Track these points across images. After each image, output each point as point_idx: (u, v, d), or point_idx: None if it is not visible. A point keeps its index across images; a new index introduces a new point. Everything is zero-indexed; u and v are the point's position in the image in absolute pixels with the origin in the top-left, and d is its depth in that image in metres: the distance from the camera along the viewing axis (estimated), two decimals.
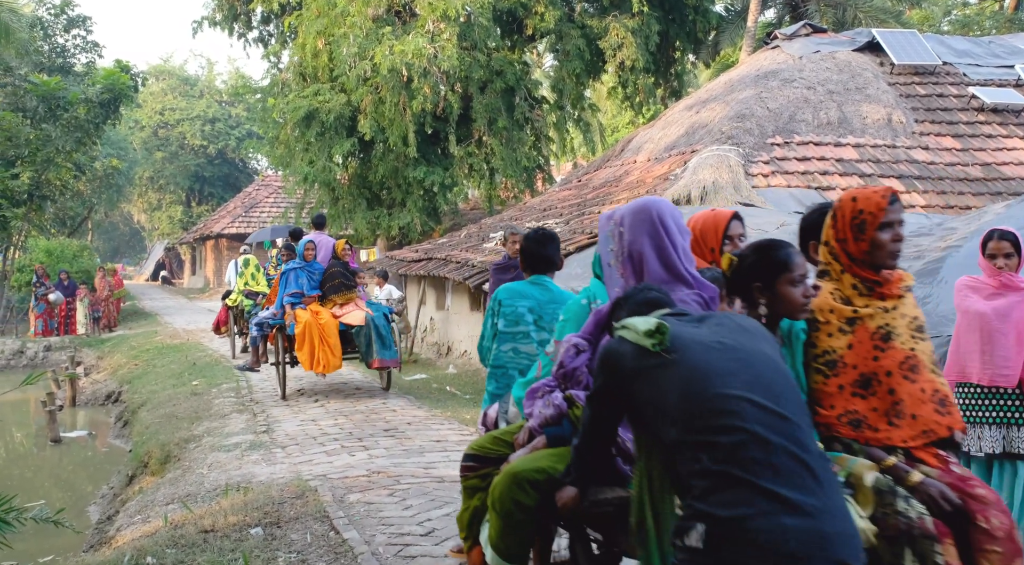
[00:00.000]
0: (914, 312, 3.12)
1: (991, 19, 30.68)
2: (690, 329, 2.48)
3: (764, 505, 2.16)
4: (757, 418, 2.26)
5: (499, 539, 3.27)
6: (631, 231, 3.23)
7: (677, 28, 23.03)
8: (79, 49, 32.15)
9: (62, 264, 26.11)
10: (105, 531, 7.74)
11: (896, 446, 2.92)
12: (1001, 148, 13.95)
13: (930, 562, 2.60)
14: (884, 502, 2.70)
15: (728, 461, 2.23)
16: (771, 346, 2.52)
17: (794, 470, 2.21)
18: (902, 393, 2.96)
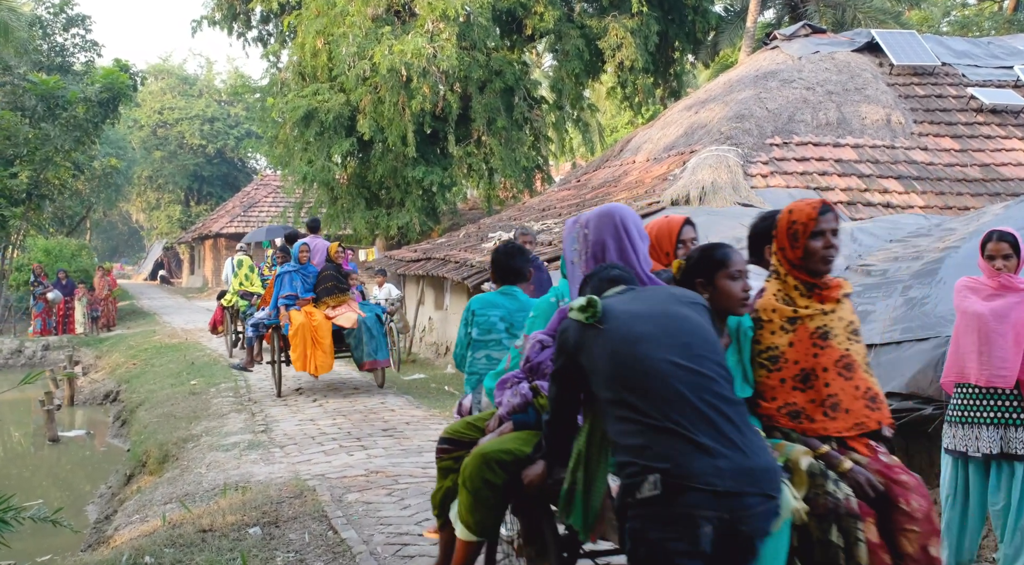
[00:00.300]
0: (851, 317, 3.39)
1: (990, 20, 30.70)
2: (622, 302, 2.81)
3: (696, 452, 2.49)
4: (678, 377, 2.57)
5: (468, 515, 3.54)
6: (595, 233, 3.53)
7: (676, 28, 23.04)
8: (78, 48, 32.10)
9: (60, 263, 26.10)
10: (103, 530, 7.74)
11: (831, 436, 3.20)
12: (1000, 149, 13.96)
13: (852, 538, 2.91)
14: (816, 484, 2.97)
15: (656, 415, 2.54)
16: (695, 310, 2.80)
17: (717, 420, 2.54)
18: (837, 388, 3.24)
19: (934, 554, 3.06)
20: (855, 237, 8.41)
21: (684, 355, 2.63)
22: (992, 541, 4.85)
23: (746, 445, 2.56)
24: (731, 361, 3.25)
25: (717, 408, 2.58)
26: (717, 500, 2.47)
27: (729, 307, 3.19)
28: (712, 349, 2.72)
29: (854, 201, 12.37)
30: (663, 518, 2.51)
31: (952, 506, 4.59)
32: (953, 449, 4.57)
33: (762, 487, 2.54)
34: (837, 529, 2.93)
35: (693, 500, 2.47)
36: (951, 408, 4.61)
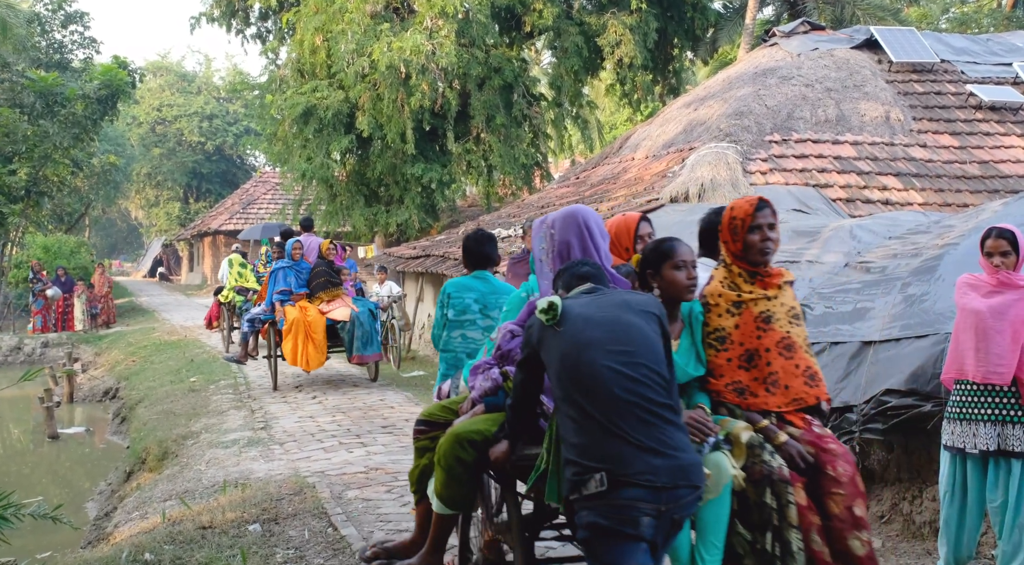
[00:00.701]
0: (792, 303, 3.76)
1: (989, 17, 30.70)
2: (581, 305, 3.09)
3: (634, 451, 2.82)
4: (618, 382, 2.88)
5: (442, 489, 3.80)
6: (560, 232, 3.85)
7: (675, 25, 23.03)
8: (77, 45, 32.06)
9: (59, 260, 26.09)
10: (103, 527, 7.75)
11: (771, 410, 3.56)
12: (999, 146, 13.96)
13: (784, 500, 3.30)
14: (754, 455, 3.37)
15: (597, 416, 2.86)
16: (644, 318, 3.10)
17: (650, 422, 2.87)
18: (778, 367, 3.58)
19: (859, 514, 3.41)
20: (854, 234, 8.41)
21: (624, 362, 2.92)
22: (991, 538, 4.86)
23: (677, 444, 2.90)
24: (685, 344, 3.62)
25: (652, 411, 2.89)
26: (655, 494, 2.82)
27: (676, 294, 3.55)
28: (653, 358, 3.00)
29: (853, 198, 12.37)
30: (607, 511, 2.83)
31: (950, 503, 4.60)
32: (951, 446, 4.58)
33: (691, 480, 2.90)
34: (771, 493, 3.30)
35: (634, 495, 2.80)
36: (950, 404, 4.62)
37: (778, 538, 3.29)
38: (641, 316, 3.09)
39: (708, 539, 3.31)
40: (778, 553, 3.28)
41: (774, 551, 3.28)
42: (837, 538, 3.37)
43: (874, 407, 5.43)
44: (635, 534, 2.82)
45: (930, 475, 5.29)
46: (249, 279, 15.55)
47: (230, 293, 15.67)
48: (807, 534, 3.32)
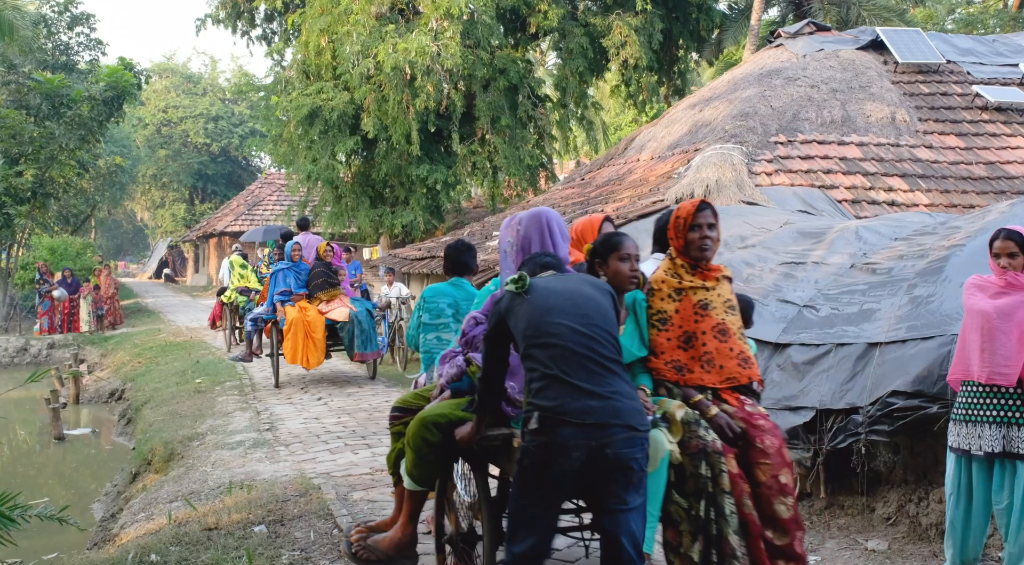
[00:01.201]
0: (728, 295, 4.20)
1: (995, 17, 30.64)
2: (546, 281, 3.59)
3: (576, 395, 3.24)
4: (571, 338, 3.33)
5: (412, 468, 4.17)
6: (526, 229, 4.30)
7: (680, 26, 23.01)
8: (83, 47, 32.17)
9: (65, 262, 26.14)
10: (109, 529, 7.76)
11: (706, 387, 3.96)
12: (1005, 147, 13.92)
13: (717, 470, 3.67)
14: (690, 430, 3.73)
15: (552, 367, 3.30)
16: (600, 292, 3.58)
17: (596, 371, 3.30)
18: (712, 348, 4.01)
19: (784, 481, 3.80)
20: (860, 235, 8.39)
21: (581, 323, 3.38)
22: (997, 540, 4.85)
23: (617, 391, 3.32)
24: (629, 327, 4.04)
25: (600, 363, 3.33)
26: (585, 431, 3.20)
27: (619, 283, 3.92)
28: (605, 320, 3.47)
29: (859, 199, 12.35)
30: (544, 444, 3.24)
31: (956, 504, 4.59)
32: (957, 447, 4.57)
33: (625, 420, 3.25)
34: (706, 464, 3.67)
35: (566, 431, 3.21)
36: (956, 406, 4.61)
37: (712, 504, 3.65)
38: (596, 290, 3.60)
39: (647, 508, 3.60)
40: (712, 517, 3.64)
41: (708, 515, 3.64)
42: (765, 503, 3.77)
43: (880, 408, 5.42)
44: (563, 468, 3.22)
45: (936, 477, 5.28)
46: (251, 280, 16.00)
47: (233, 293, 16.09)
48: (739, 499, 3.70)
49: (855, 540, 5.48)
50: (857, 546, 5.39)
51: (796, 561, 3.82)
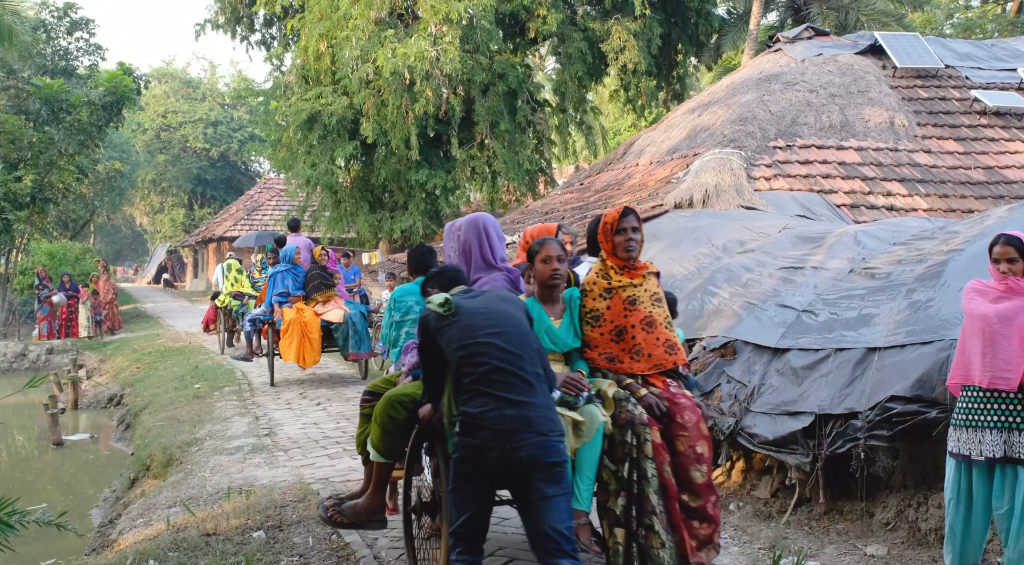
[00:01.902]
0: (655, 289, 4.67)
1: (993, 22, 30.69)
2: (467, 300, 3.97)
3: (495, 404, 3.67)
4: (496, 355, 3.75)
5: (379, 443, 4.67)
6: (465, 234, 4.84)
7: (679, 31, 23.04)
8: (82, 52, 32.18)
9: (64, 267, 26.11)
10: (107, 534, 7.74)
11: (636, 373, 4.51)
12: (1004, 151, 13.93)
13: (641, 439, 4.22)
14: (620, 406, 4.30)
15: (478, 381, 3.73)
16: (515, 308, 4.01)
17: (516, 384, 3.72)
18: (641, 340, 4.53)
19: (700, 451, 4.34)
20: (859, 240, 8.39)
21: (505, 341, 3.79)
22: (997, 545, 4.84)
23: (532, 402, 3.71)
24: (566, 321, 4.58)
25: (520, 377, 3.74)
26: (500, 435, 3.63)
27: (541, 280, 4.53)
28: (523, 335, 3.89)
29: (858, 204, 12.35)
30: (468, 445, 3.70)
31: (956, 510, 4.59)
32: (957, 452, 4.57)
33: (535, 427, 3.66)
34: (632, 434, 4.21)
35: (484, 436, 3.65)
36: (956, 411, 4.61)
37: (636, 467, 4.19)
38: (512, 306, 4.02)
39: (583, 472, 4.23)
40: (635, 479, 4.18)
41: (631, 477, 4.18)
42: (683, 469, 4.30)
43: (879, 414, 5.41)
44: (482, 467, 3.68)
45: (936, 482, 5.27)
46: (244, 285, 16.41)
47: (226, 298, 16.48)
48: (660, 466, 4.24)
49: (854, 545, 5.47)
50: (856, 551, 5.38)
51: (708, 521, 4.31)
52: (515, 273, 4.89)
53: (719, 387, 6.90)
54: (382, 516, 4.99)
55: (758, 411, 6.33)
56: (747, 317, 7.39)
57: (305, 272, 12.21)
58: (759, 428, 6.20)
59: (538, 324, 4.43)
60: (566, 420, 4.12)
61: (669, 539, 4.15)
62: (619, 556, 4.14)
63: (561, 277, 4.51)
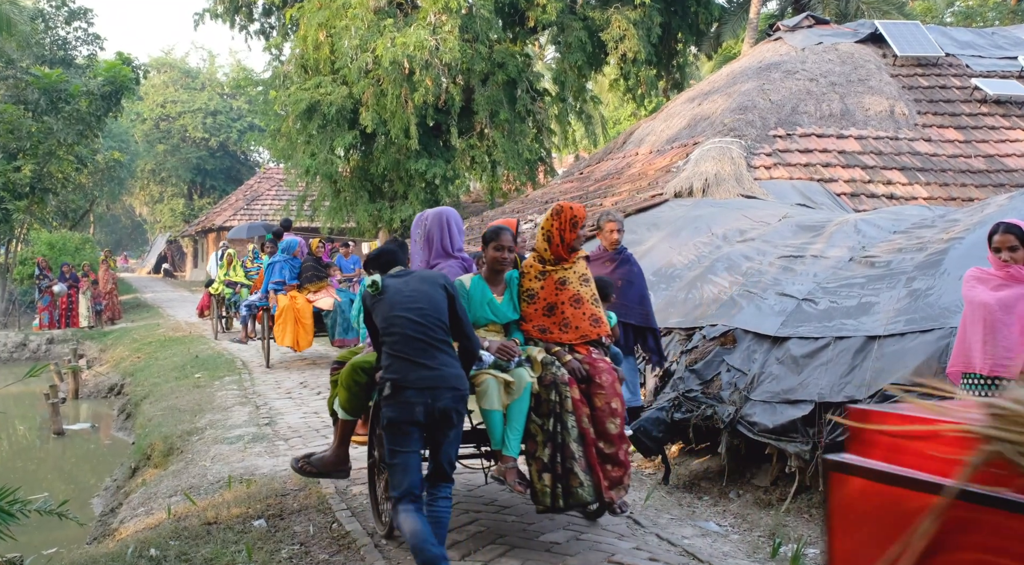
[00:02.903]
0: (583, 270, 5.37)
1: (994, 10, 30.60)
2: (394, 281, 4.62)
3: (414, 368, 4.37)
4: (408, 327, 4.43)
5: (345, 403, 5.31)
6: (430, 225, 5.61)
7: (679, 20, 22.97)
8: (80, 41, 32.12)
9: (64, 257, 26.10)
10: (108, 523, 7.76)
11: (564, 343, 5.21)
12: (1004, 140, 13.92)
13: (563, 396, 4.90)
14: (546, 369, 4.97)
15: (394, 348, 4.43)
16: (433, 287, 4.60)
17: (428, 350, 4.42)
18: (569, 314, 5.24)
19: (615, 407, 4.97)
20: (859, 229, 8.39)
21: (417, 314, 4.46)
22: None
23: (443, 363, 4.43)
24: (506, 298, 5.31)
25: (430, 344, 4.43)
26: (421, 392, 4.33)
27: (492, 265, 5.25)
28: (435, 310, 4.52)
29: (858, 192, 12.35)
30: (394, 404, 4.36)
31: None
32: None
33: (449, 384, 4.40)
34: (555, 392, 4.89)
35: (409, 394, 4.34)
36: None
37: (559, 421, 4.87)
38: (432, 286, 4.61)
39: (513, 425, 4.90)
40: (558, 430, 4.86)
41: (555, 429, 4.87)
42: (599, 422, 4.95)
43: (879, 401, 5.42)
44: (410, 419, 4.34)
45: None
46: (238, 273, 17.33)
47: (220, 285, 17.46)
48: (579, 418, 4.91)
49: None
50: None
51: (620, 466, 4.95)
52: (468, 261, 5.70)
53: (719, 375, 6.90)
54: (345, 467, 5.62)
55: (758, 399, 6.33)
56: (747, 306, 7.39)
57: (300, 263, 12.79)
58: (759, 416, 6.21)
59: (481, 298, 5.25)
60: (499, 380, 4.86)
61: (587, 479, 4.83)
62: (546, 496, 4.84)
63: (507, 263, 5.26)
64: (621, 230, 7.24)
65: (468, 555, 4.96)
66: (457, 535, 5.28)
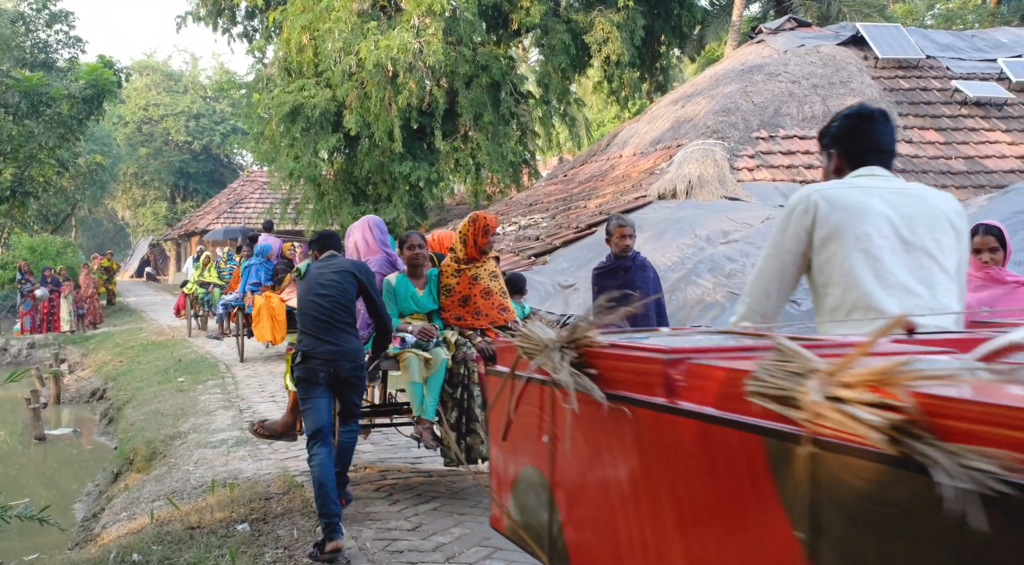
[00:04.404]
0: (493, 268, 6.27)
1: (973, 13, 30.84)
2: (315, 269, 5.50)
3: (318, 342, 5.25)
4: (314, 309, 5.32)
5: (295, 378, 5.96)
6: (360, 229, 6.72)
7: (662, 22, 23.06)
8: (61, 44, 31.90)
9: (46, 261, 25.93)
10: (91, 529, 7.70)
11: (476, 328, 6.09)
12: (983, 141, 14.03)
13: (471, 371, 5.81)
14: (458, 348, 5.91)
15: (304, 326, 5.35)
16: (343, 276, 5.43)
17: (330, 330, 5.29)
18: (480, 304, 6.12)
19: None
20: None
21: (325, 300, 5.32)
22: None
23: (343, 341, 5.31)
24: (427, 291, 6.22)
25: (331, 324, 5.31)
26: (326, 362, 5.23)
27: (408, 262, 6.24)
28: (341, 295, 5.37)
29: None
30: (303, 368, 5.28)
31: None
32: None
33: (348, 357, 5.30)
34: (464, 367, 5.82)
35: (315, 363, 5.24)
36: None
37: (466, 390, 5.80)
38: (343, 276, 5.43)
39: (431, 393, 5.81)
40: (465, 398, 5.80)
41: (462, 396, 5.80)
42: None
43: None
44: (317, 381, 5.25)
45: None
46: (212, 274, 18.26)
47: (194, 286, 18.43)
48: (483, 388, 5.70)
49: None
50: None
51: None
52: (393, 256, 6.64)
53: None
54: (293, 433, 6.57)
55: None
56: (731, 307, 7.42)
57: (274, 266, 13.89)
58: None
59: (405, 293, 6.19)
60: (420, 358, 5.79)
61: (487, 438, 5.26)
62: (452, 451, 5.76)
63: (419, 258, 6.22)
64: (632, 235, 6.68)
65: (453, 557, 4.95)
66: (442, 538, 5.28)
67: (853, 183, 2.78)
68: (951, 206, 2.74)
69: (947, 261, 2.67)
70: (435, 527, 5.45)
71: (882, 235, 2.62)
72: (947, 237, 2.68)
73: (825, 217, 2.69)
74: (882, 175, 2.83)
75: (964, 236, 2.75)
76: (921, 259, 2.63)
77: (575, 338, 1.80)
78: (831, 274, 2.69)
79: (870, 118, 2.94)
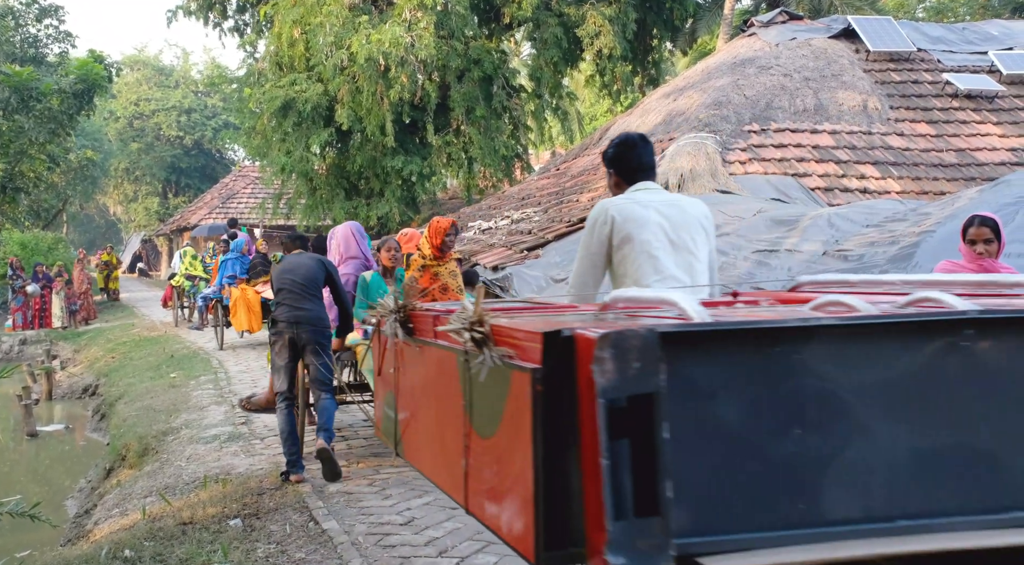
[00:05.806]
0: (453, 267, 7.04)
1: (965, 6, 30.90)
2: (292, 258, 6.77)
3: (288, 309, 6.54)
4: (288, 283, 6.59)
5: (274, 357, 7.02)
6: (341, 234, 7.88)
7: (654, 16, 23.04)
8: (52, 39, 31.78)
9: (37, 257, 25.83)
10: (83, 525, 7.69)
11: None
12: (975, 134, 14.05)
13: None
14: None
15: (280, 298, 6.63)
16: (312, 262, 6.68)
17: (299, 299, 6.53)
18: (437, 298, 6.56)
19: None
20: (832, 223, 8.45)
21: (297, 276, 6.56)
22: None
23: (309, 309, 6.51)
24: (396, 286, 7.04)
25: (300, 296, 6.51)
26: (290, 325, 6.47)
27: (383, 264, 7.29)
28: (309, 275, 6.61)
29: (831, 187, 12.43)
30: (275, 332, 6.56)
31: None
32: None
33: (311, 322, 6.50)
34: None
35: (282, 326, 6.49)
36: None
37: None
38: (313, 262, 6.68)
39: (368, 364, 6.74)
40: None
41: None
42: None
43: None
44: (284, 342, 6.51)
45: None
46: (197, 268, 19.04)
47: (180, 278, 19.29)
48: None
49: None
50: None
51: None
52: (369, 261, 7.75)
53: None
54: (275, 405, 7.15)
55: None
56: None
57: (250, 260, 14.74)
58: None
59: (377, 288, 7.03)
60: None
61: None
62: None
63: (395, 261, 7.26)
64: None
65: (445, 551, 4.96)
66: (434, 532, 5.28)
67: (635, 197, 3.59)
68: (701, 211, 3.64)
69: (701, 254, 3.55)
70: (428, 521, 5.46)
71: (658, 239, 3.48)
72: (700, 236, 3.56)
73: (620, 227, 3.51)
74: (653, 188, 3.68)
75: (711, 234, 3.64)
76: (685, 255, 3.51)
77: (403, 306, 2.54)
78: (625, 269, 3.51)
79: (634, 145, 3.71)
